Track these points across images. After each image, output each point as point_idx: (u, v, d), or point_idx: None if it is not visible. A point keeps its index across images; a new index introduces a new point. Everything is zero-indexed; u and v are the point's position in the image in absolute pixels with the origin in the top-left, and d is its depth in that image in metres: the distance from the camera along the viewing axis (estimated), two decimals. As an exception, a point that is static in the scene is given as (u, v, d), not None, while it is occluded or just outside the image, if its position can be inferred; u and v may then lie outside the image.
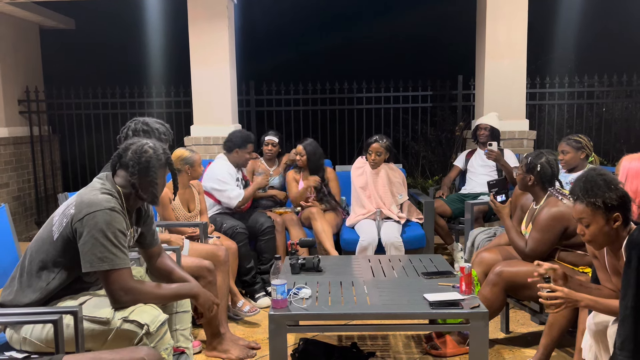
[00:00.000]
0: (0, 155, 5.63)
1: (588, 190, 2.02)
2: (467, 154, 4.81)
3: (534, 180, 2.90)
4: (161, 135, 2.72)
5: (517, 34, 4.99)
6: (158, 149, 2.17)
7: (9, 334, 2.07)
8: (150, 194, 2.14)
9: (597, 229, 2.02)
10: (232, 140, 3.97)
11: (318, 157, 4.30)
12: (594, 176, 2.05)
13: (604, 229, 2.01)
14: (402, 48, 8.68)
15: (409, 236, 3.93)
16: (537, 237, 2.80)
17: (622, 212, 2.00)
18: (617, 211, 2.00)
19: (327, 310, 2.36)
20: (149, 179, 2.12)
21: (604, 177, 2.04)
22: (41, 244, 2.07)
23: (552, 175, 2.90)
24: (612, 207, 1.99)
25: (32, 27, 6.31)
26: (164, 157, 2.18)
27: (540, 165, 2.87)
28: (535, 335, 3.12)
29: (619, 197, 2.00)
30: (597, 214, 2.00)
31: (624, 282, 1.83)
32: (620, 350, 1.81)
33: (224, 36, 5.08)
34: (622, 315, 1.83)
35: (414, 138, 6.81)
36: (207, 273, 2.89)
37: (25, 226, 6.03)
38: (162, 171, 2.18)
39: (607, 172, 2.09)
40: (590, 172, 2.11)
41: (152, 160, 2.12)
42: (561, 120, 6.05)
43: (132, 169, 2.11)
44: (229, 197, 3.86)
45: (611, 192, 2.00)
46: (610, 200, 1.99)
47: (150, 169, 2.12)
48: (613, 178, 2.04)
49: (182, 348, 2.33)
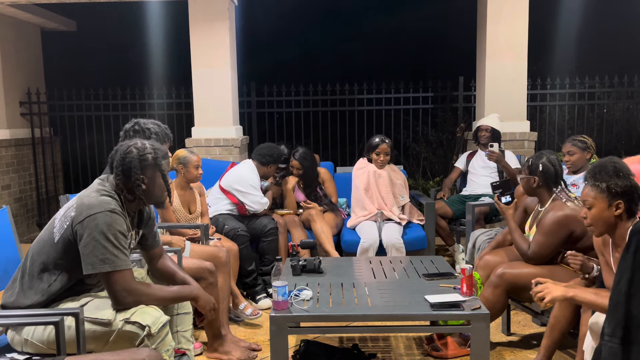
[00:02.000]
0: (2, 157, 5.64)
1: (596, 174, 2.06)
2: (468, 155, 4.81)
3: (538, 181, 2.88)
4: (152, 134, 2.68)
5: (518, 35, 4.99)
6: (145, 149, 2.11)
7: (10, 335, 2.07)
8: (135, 195, 2.10)
9: (597, 213, 2.05)
10: (272, 156, 4.00)
11: (313, 169, 4.33)
12: (606, 162, 2.09)
13: (604, 213, 2.04)
14: (403, 49, 8.69)
15: (410, 237, 3.93)
16: (541, 241, 2.78)
17: (625, 202, 2.01)
18: (621, 199, 2.01)
19: (328, 312, 2.35)
20: (132, 180, 2.08)
21: (615, 164, 2.07)
22: (42, 246, 2.08)
23: (556, 174, 2.88)
24: (616, 194, 2.01)
25: (34, 29, 6.32)
26: (150, 157, 2.11)
27: (542, 165, 2.87)
28: (536, 337, 3.12)
29: (625, 186, 2.01)
30: (600, 197, 2.04)
31: (619, 268, 1.81)
32: (610, 336, 1.78)
33: (224, 38, 5.08)
34: (615, 301, 1.81)
35: (415, 139, 6.80)
36: (208, 274, 2.89)
37: (26, 228, 6.04)
38: (149, 172, 2.12)
39: (621, 161, 2.11)
40: (605, 158, 2.16)
41: (134, 161, 2.08)
42: (562, 121, 6.06)
43: (116, 170, 2.10)
44: (259, 202, 3.89)
45: (618, 179, 2.02)
46: (614, 187, 2.01)
47: (132, 169, 2.08)
48: (624, 167, 2.05)
49: (184, 349, 2.33)
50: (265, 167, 4.00)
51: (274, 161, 4.01)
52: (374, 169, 4.08)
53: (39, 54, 6.44)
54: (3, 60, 5.70)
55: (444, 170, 6.36)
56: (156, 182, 2.15)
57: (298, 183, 4.32)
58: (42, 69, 6.47)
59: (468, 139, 5.47)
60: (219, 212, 3.93)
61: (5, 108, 5.73)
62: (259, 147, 4.09)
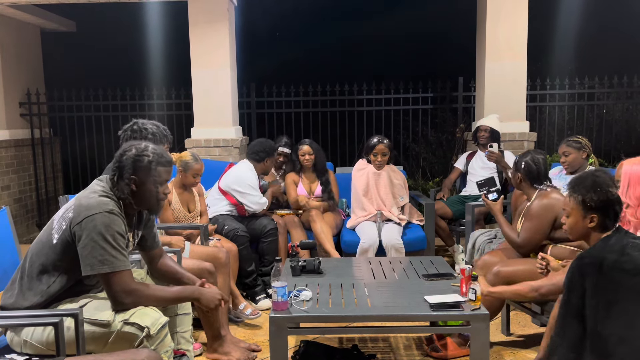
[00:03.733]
0: (2, 158, 5.64)
1: (575, 185, 2.11)
2: (468, 156, 4.81)
3: (521, 177, 3.03)
4: (148, 135, 2.68)
5: (517, 36, 4.99)
6: (144, 150, 2.10)
7: (9, 336, 2.07)
8: (125, 195, 2.07)
9: (573, 222, 2.11)
10: (264, 151, 4.00)
11: (323, 155, 4.41)
12: (588, 174, 2.12)
13: (579, 224, 2.09)
14: (403, 50, 8.69)
15: (409, 238, 3.92)
16: (529, 226, 2.89)
17: (599, 215, 2.02)
18: (595, 213, 2.03)
19: (327, 312, 2.35)
20: (123, 178, 2.07)
21: (596, 178, 2.07)
22: (41, 247, 2.08)
23: (538, 173, 2.99)
24: (590, 208, 2.04)
25: (34, 30, 6.32)
26: (146, 160, 2.09)
27: (524, 163, 3.01)
28: (536, 337, 3.12)
29: (601, 201, 2.02)
30: (576, 208, 2.08)
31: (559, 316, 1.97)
32: None
33: (224, 38, 5.09)
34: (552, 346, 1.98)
35: (414, 140, 6.80)
36: (207, 275, 2.88)
37: (26, 228, 6.03)
38: (141, 174, 2.09)
39: (605, 174, 2.11)
40: (590, 170, 2.23)
41: (128, 160, 2.07)
42: (562, 121, 6.05)
43: (113, 165, 2.11)
44: (257, 202, 3.89)
45: (594, 194, 2.03)
46: (589, 201, 2.04)
47: (125, 167, 2.07)
48: (605, 181, 2.05)
49: (183, 350, 2.33)
50: (262, 164, 4.00)
51: (268, 155, 4.00)
52: (373, 170, 4.08)
53: (38, 54, 6.44)
54: (3, 61, 5.70)
55: (444, 171, 6.35)
56: (146, 187, 2.10)
57: (303, 174, 4.33)
58: (42, 70, 6.47)
59: (468, 140, 5.47)
60: (218, 212, 3.93)
61: (4, 109, 5.72)
62: (250, 146, 4.12)
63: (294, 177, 4.35)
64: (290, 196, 4.30)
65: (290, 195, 4.31)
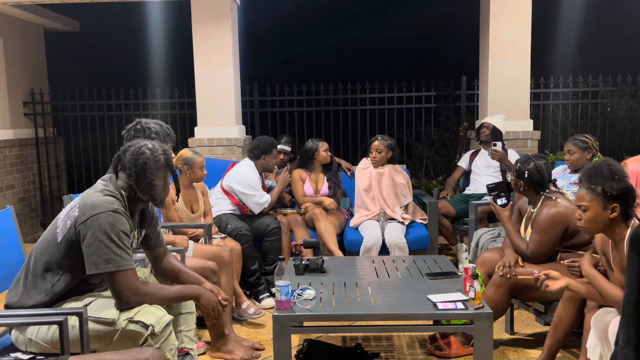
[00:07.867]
0: (6, 157, 5.66)
1: (591, 177, 2.06)
2: (471, 155, 4.80)
3: (524, 185, 2.92)
4: (152, 134, 2.67)
5: (520, 34, 4.98)
6: (156, 150, 2.14)
7: (14, 335, 2.08)
8: (149, 195, 2.12)
9: (592, 216, 2.05)
10: (259, 148, 3.99)
11: None
12: (601, 164, 2.08)
13: (599, 217, 2.03)
14: (406, 48, 8.67)
15: (413, 237, 3.92)
16: (538, 239, 2.80)
17: (621, 204, 2.00)
18: (616, 202, 2.00)
19: (331, 311, 2.35)
20: (147, 181, 2.10)
21: (610, 166, 2.05)
22: (46, 246, 2.08)
23: (542, 180, 2.88)
24: (611, 197, 2.01)
25: (37, 30, 6.34)
26: (162, 158, 2.14)
27: (528, 172, 2.88)
28: (540, 336, 3.11)
29: (621, 189, 2.00)
30: (595, 200, 2.03)
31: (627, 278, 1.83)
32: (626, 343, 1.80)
33: (227, 38, 5.09)
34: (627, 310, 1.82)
35: (417, 139, 6.79)
36: (211, 274, 2.89)
37: (30, 227, 6.06)
38: (161, 172, 2.14)
39: (616, 163, 2.09)
40: (600, 160, 2.15)
41: (149, 162, 2.10)
42: (565, 120, 6.02)
43: (129, 170, 2.10)
44: (257, 202, 3.89)
45: (613, 182, 2.01)
46: (610, 189, 2.01)
47: (148, 170, 2.09)
48: (620, 169, 2.04)
49: (187, 349, 2.33)
50: (260, 160, 4.00)
51: (262, 152, 3.98)
52: (376, 170, 4.08)
53: (42, 54, 6.45)
54: (6, 61, 5.72)
55: (447, 170, 6.34)
56: (165, 183, 2.18)
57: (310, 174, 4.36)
58: (46, 69, 6.49)
59: (471, 138, 5.46)
60: (221, 212, 3.93)
61: (9, 108, 5.74)
62: (248, 145, 4.12)
63: (301, 174, 4.35)
64: (297, 192, 4.30)
65: (297, 191, 4.31)
